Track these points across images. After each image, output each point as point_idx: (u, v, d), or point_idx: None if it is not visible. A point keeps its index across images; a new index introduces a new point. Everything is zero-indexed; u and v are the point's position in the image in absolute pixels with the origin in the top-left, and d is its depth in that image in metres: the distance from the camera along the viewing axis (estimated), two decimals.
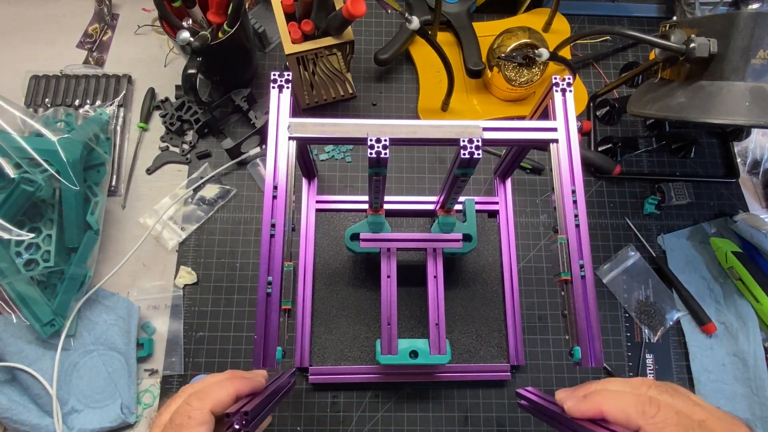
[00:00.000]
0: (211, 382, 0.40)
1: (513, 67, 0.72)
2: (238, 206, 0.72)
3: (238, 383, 0.40)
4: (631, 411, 0.31)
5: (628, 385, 0.34)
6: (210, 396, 0.38)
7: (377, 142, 0.43)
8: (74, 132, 0.65)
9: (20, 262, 0.61)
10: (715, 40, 0.53)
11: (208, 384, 0.39)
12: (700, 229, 0.72)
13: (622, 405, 0.32)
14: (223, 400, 0.38)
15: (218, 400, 0.37)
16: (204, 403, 0.37)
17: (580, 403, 0.35)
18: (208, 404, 0.37)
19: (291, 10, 0.64)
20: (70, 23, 0.81)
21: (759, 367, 0.66)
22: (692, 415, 0.30)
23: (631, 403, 0.32)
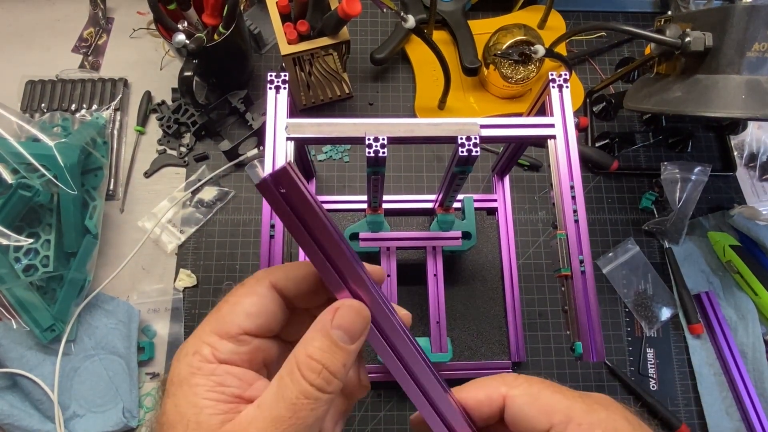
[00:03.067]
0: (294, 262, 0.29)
1: (509, 65, 0.72)
2: (236, 208, 0.72)
3: None
4: (491, 384, 0.28)
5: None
6: (279, 268, 0.28)
7: (375, 141, 0.43)
8: (71, 136, 0.65)
9: (19, 267, 0.61)
10: (710, 34, 0.53)
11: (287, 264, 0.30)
12: (698, 223, 0.73)
13: (479, 383, 0.29)
14: (295, 276, 0.27)
15: (286, 273, 0.27)
16: (266, 273, 0.27)
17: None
18: (269, 275, 0.27)
19: (286, 11, 0.64)
20: (65, 28, 0.81)
21: (758, 360, 0.66)
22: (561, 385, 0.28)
23: (490, 379, 0.29)
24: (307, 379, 0.23)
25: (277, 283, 0.27)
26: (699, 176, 0.69)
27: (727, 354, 0.66)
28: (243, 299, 0.26)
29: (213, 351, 0.25)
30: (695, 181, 0.69)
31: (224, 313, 0.26)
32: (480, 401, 0.27)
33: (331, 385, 0.24)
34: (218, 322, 0.25)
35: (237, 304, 0.26)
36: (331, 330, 0.24)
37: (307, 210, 0.24)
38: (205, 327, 0.26)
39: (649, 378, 0.66)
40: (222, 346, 0.25)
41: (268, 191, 0.23)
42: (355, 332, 0.25)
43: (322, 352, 0.24)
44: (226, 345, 0.25)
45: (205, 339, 0.25)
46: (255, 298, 0.26)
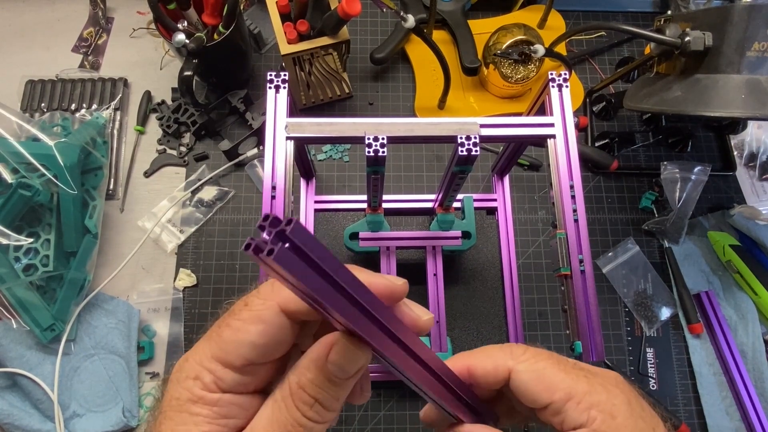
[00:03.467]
0: None
1: (509, 64, 0.72)
2: (236, 207, 0.72)
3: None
4: (498, 356, 0.28)
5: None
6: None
7: (375, 140, 0.43)
8: (71, 136, 0.65)
9: (19, 267, 0.61)
10: (710, 34, 0.53)
11: None
12: (698, 223, 0.73)
13: (488, 353, 0.29)
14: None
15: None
16: (273, 293, 0.24)
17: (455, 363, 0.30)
18: (277, 296, 0.24)
19: (286, 11, 0.64)
20: (65, 27, 0.81)
21: (758, 360, 0.66)
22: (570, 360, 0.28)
23: (498, 350, 0.29)
24: (299, 410, 0.22)
25: (286, 306, 0.23)
26: (699, 176, 0.69)
27: (727, 354, 0.66)
28: (249, 326, 0.23)
29: (216, 380, 0.23)
30: (695, 181, 0.69)
31: (227, 339, 0.23)
32: (487, 371, 0.28)
33: (324, 417, 0.23)
34: (220, 349, 0.23)
35: (241, 332, 0.23)
36: (326, 364, 0.22)
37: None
38: (206, 350, 0.24)
39: (649, 378, 0.66)
40: (225, 376, 0.23)
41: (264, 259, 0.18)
42: (350, 370, 0.23)
43: (315, 387, 0.22)
44: (230, 375, 0.23)
45: (206, 365, 0.23)
46: (262, 326, 0.23)
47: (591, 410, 0.25)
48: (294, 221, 0.17)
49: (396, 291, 0.25)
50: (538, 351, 0.28)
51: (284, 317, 0.23)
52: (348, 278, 0.19)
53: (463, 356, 0.29)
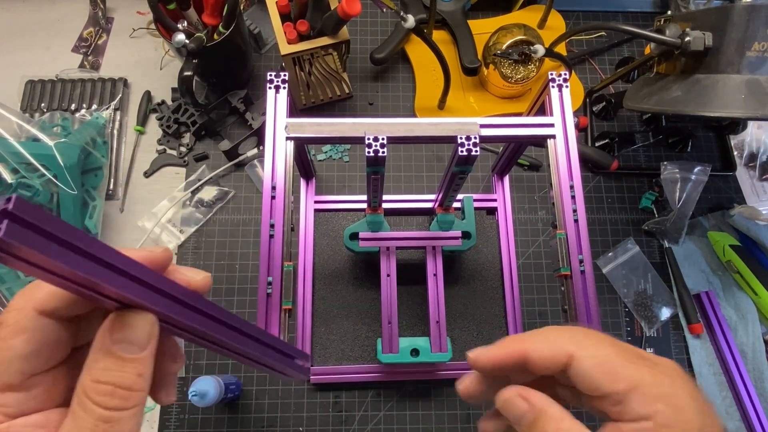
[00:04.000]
0: None
1: (509, 64, 0.72)
2: (236, 208, 0.72)
3: None
4: (558, 340, 0.27)
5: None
6: (38, 287, 0.23)
7: (375, 140, 0.43)
8: (71, 136, 0.65)
9: None
10: (710, 34, 0.53)
11: None
12: (698, 223, 0.73)
13: (546, 337, 0.27)
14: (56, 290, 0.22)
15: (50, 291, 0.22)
16: (25, 300, 0.22)
17: (491, 349, 0.29)
18: (30, 300, 0.22)
19: (286, 11, 0.64)
20: (64, 27, 0.81)
21: (758, 360, 0.66)
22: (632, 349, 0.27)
23: (557, 334, 0.27)
24: (100, 405, 0.20)
25: (44, 308, 0.22)
26: (699, 176, 0.69)
27: (727, 354, 0.66)
28: (10, 342, 0.21)
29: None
30: (695, 181, 0.69)
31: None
32: (544, 356, 0.27)
33: (131, 400, 0.21)
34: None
35: (5, 350, 0.21)
36: (113, 346, 0.21)
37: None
38: None
39: None
40: (8, 400, 0.21)
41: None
42: (140, 339, 0.21)
43: (109, 372, 0.20)
44: (12, 397, 0.21)
45: None
46: (25, 335, 0.21)
47: (656, 403, 0.24)
48: (13, 197, 0.16)
49: (156, 258, 0.24)
50: (600, 336, 0.27)
51: (46, 318, 0.22)
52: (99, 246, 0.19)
53: (518, 340, 0.28)
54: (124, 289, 0.19)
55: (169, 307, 0.21)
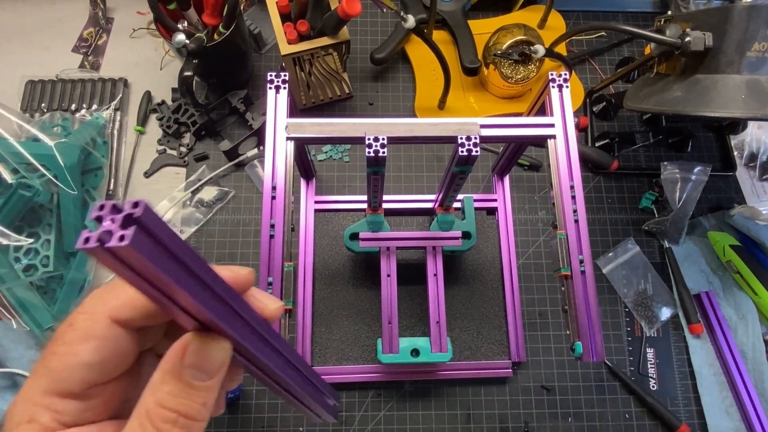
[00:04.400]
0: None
1: (509, 64, 0.72)
2: (236, 208, 0.72)
3: None
4: None
5: None
6: (115, 293, 0.22)
7: (375, 140, 0.43)
8: (71, 136, 0.65)
9: (19, 267, 0.61)
10: (710, 34, 0.53)
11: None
12: (698, 223, 0.73)
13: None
14: (137, 299, 0.22)
15: (127, 299, 0.22)
16: (100, 305, 0.22)
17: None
18: (105, 307, 0.21)
19: (286, 11, 0.64)
20: (64, 28, 0.81)
21: (758, 360, 0.66)
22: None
23: None
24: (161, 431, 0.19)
25: (118, 317, 0.21)
26: (699, 176, 0.69)
27: (727, 354, 0.66)
28: (78, 347, 0.21)
29: (55, 416, 0.20)
30: (695, 181, 0.69)
31: (56, 367, 0.20)
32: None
33: (192, 430, 0.20)
34: (51, 379, 0.20)
35: (71, 355, 0.20)
36: (183, 370, 0.20)
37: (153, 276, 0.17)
38: (36, 386, 0.20)
39: (649, 378, 0.66)
40: (65, 408, 0.20)
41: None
42: (212, 368, 0.20)
43: (175, 398, 0.19)
44: (70, 405, 0.20)
45: (40, 402, 0.20)
46: (93, 343, 0.21)
47: None
48: (142, 202, 0.15)
49: (240, 280, 0.22)
50: None
51: (118, 328, 0.21)
52: (197, 261, 0.18)
53: None
54: (215, 312, 0.18)
55: (245, 337, 0.20)
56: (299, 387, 0.25)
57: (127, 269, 0.16)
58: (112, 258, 0.15)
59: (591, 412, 0.65)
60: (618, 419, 0.64)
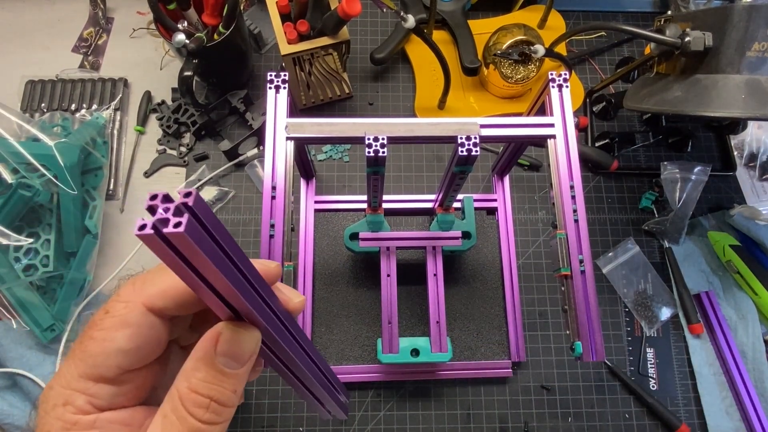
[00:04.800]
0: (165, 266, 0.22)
1: (509, 64, 0.72)
2: (236, 208, 0.72)
3: None
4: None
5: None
6: (150, 282, 0.23)
7: (375, 140, 0.43)
8: (71, 136, 0.65)
9: (19, 267, 0.61)
10: (710, 34, 0.53)
11: (157, 268, 0.24)
12: (698, 223, 0.73)
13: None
14: (171, 289, 0.22)
15: (161, 289, 0.22)
16: (135, 294, 0.22)
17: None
18: (140, 295, 0.22)
19: (286, 11, 0.64)
20: (64, 28, 0.81)
21: (758, 360, 0.66)
22: None
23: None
24: (194, 416, 0.20)
25: (153, 305, 0.22)
26: (699, 176, 0.69)
27: (727, 354, 0.66)
28: (114, 333, 0.21)
29: (89, 399, 0.21)
30: (695, 181, 0.69)
31: (93, 352, 0.21)
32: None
33: (223, 415, 0.21)
34: (87, 364, 0.21)
35: (107, 341, 0.21)
36: (216, 358, 0.20)
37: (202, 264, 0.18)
38: (72, 370, 0.21)
39: (649, 378, 0.66)
40: (100, 392, 0.21)
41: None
42: (243, 356, 0.21)
43: (208, 384, 0.20)
44: (105, 389, 0.21)
45: (75, 386, 0.21)
46: (129, 330, 0.21)
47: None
48: (193, 192, 0.16)
49: (270, 273, 0.23)
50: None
51: (152, 316, 0.22)
52: (237, 250, 0.18)
53: None
54: (250, 301, 0.19)
55: (273, 327, 0.21)
56: (317, 380, 0.25)
57: (175, 255, 0.16)
58: (165, 244, 0.16)
59: (591, 412, 0.65)
60: (618, 419, 0.64)
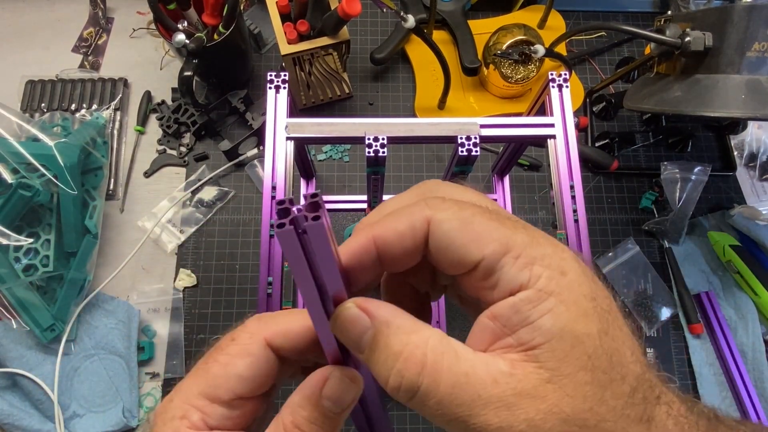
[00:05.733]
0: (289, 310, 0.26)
1: (509, 64, 0.72)
2: (236, 208, 0.72)
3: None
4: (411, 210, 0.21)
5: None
6: (274, 320, 0.24)
7: (375, 140, 0.43)
8: (71, 136, 0.65)
9: (19, 267, 0.61)
10: (710, 34, 0.53)
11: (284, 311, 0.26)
12: (698, 223, 0.73)
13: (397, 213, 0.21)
14: (290, 331, 0.24)
15: (283, 329, 0.24)
16: (260, 328, 0.24)
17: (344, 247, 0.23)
18: (264, 330, 0.24)
19: (286, 11, 0.64)
20: (65, 28, 0.80)
21: (758, 360, 0.66)
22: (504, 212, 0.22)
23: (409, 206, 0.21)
24: None
25: (273, 341, 0.24)
26: (699, 176, 0.69)
27: (727, 354, 0.66)
28: (236, 360, 0.23)
29: (203, 417, 0.22)
30: (695, 181, 0.69)
31: (215, 374, 0.23)
32: (401, 234, 0.21)
33: None
34: (208, 384, 0.23)
35: (229, 366, 0.23)
36: (321, 400, 0.22)
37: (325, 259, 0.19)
38: (193, 387, 0.23)
39: None
40: (213, 412, 0.23)
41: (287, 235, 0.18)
42: (345, 402, 0.22)
43: (310, 423, 0.22)
44: (218, 410, 0.23)
45: (193, 402, 0.23)
46: (249, 359, 0.23)
47: (534, 266, 0.19)
48: (319, 193, 0.18)
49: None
50: (461, 201, 0.21)
51: (270, 351, 0.24)
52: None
53: (366, 228, 0.22)
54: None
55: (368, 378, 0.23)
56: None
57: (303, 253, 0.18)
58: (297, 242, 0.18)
59: None
60: None
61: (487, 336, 0.20)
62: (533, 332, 0.18)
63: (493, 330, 0.19)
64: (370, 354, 0.20)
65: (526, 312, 0.18)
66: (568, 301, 0.19)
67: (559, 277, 0.19)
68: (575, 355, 0.18)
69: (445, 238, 0.20)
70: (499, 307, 0.19)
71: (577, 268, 0.20)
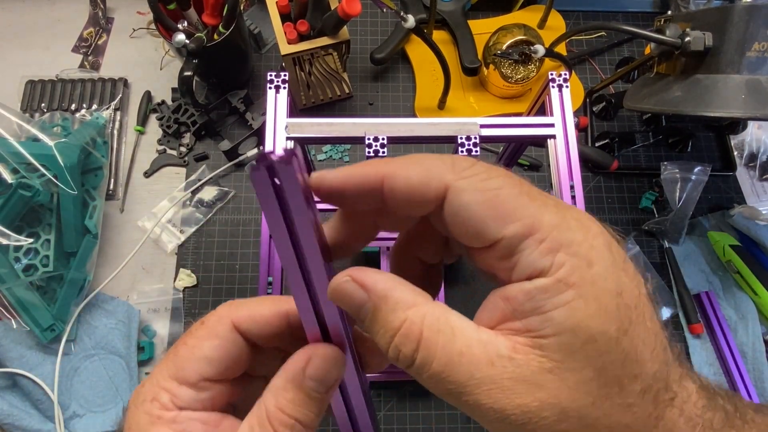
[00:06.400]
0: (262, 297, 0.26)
1: (509, 64, 0.72)
2: (236, 208, 0.72)
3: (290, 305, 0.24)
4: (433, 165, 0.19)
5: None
6: (245, 305, 0.24)
7: (375, 140, 0.43)
8: (71, 136, 0.65)
9: (19, 267, 0.61)
10: (710, 34, 0.53)
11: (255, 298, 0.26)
12: (698, 223, 0.73)
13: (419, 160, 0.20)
14: (260, 315, 0.24)
15: (251, 313, 0.24)
16: (229, 312, 0.24)
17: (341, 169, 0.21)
18: (233, 314, 0.24)
19: (286, 11, 0.64)
20: (64, 28, 0.80)
21: (758, 360, 0.66)
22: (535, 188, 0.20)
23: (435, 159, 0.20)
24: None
25: (240, 325, 0.24)
26: (699, 176, 0.69)
27: (727, 354, 0.66)
28: (203, 342, 0.24)
29: (172, 398, 0.23)
30: (695, 181, 0.69)
31: (182, 356, 0.24)
32: (411, 186, 0.19)
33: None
34: (176, 366, 0.23)
35: (196, 348, 0.24)
36: (304, 381, 0.22)
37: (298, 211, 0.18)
38: (163, 371, 0.24)
39: None
40: (181, 393, 0.23)
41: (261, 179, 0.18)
42: (329, 382, 0.22)
43: (295, 405, 0.21)
44: (186, 392, 0.23)
45: (162, 384, 0.23)
46: (216, 341, 0.23)
47: (558, 252, 0.17)
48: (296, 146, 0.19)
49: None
50: (490, 167, 0.19)
51: (238, 335, 0.24)
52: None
53: (378, 163, 0.20)
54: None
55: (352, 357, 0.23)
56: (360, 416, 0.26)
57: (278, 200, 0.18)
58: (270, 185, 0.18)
59: None
60: None
61: (497, 314, 0.19)
62: (544, 323, 0.17)
63: (503, 310, 0.19)
64: (371, 326, 0.20)
65: (540, 301, 0.17)
66: (587, 296, 0.17)
67: (584, 267, 0.17)
68: (585, 353, 0.17)
69: (463, 211, 0.18)
70: (513, 290, 0.18)
71: (606, 259, 0.18)
